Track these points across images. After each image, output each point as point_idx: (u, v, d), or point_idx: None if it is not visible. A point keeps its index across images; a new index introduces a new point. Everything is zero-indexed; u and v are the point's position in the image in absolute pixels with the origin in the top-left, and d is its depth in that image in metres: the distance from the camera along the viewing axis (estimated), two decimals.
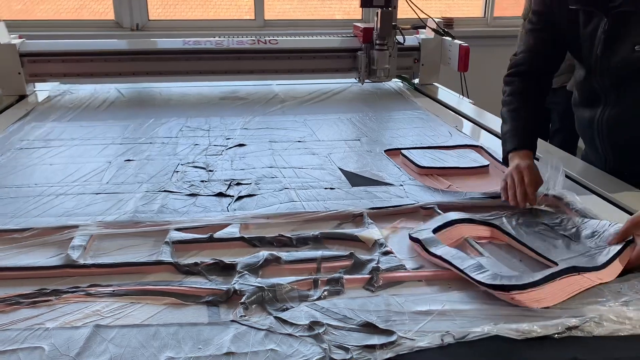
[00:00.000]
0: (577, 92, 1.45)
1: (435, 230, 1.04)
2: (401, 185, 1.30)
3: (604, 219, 1.08)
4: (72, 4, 3.63)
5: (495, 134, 1.71)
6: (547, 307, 0.83)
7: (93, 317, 0.82)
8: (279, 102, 2.08)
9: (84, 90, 2.19)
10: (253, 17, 3.65)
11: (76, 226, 1.07)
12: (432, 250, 0.98)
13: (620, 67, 1.25)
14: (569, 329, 0.78)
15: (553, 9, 1.33)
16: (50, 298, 0.86)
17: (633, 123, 1.31)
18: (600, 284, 0.89)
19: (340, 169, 1.41)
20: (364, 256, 0.98)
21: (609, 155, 1.40)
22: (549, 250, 0.99)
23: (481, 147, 1.56)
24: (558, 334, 0.77)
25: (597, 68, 1.30)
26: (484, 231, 1.08)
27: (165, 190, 1.27)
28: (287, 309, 0.84)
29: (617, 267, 0.93)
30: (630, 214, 1.15)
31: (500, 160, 1.38)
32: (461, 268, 0.91)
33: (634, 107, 1.29)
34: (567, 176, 1.31)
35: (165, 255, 0.98)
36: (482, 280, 0.87)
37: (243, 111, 1.95)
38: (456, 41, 2.20)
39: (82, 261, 0.96)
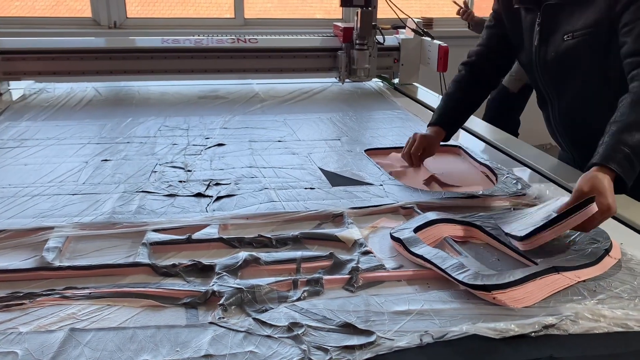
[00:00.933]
0: (536, 95, 1.52)
1: (415, 230, 1.05)
2: (381, 185, 1.31)
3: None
4: (49, 1, 3.57)
5: (474, 134, 1.72)
6: (526, 306, 0.84)
7: (68, 321, 0.80)
8: (259, 102, 2.07)
9: (60, 88, 2.15)
10: (233, 16, 3.62)
11: (51, 228, 1.06)
12: (413, 249, 0.98)
13: (554, 59, 1.33)
14: (546, 327, 0.79)
15: (501, 8, 1.43)
16: (24, 301, 0.84)
17: (580, 118, 1.38)
18: (578, 282, 0.91)
19: (321, 169, 1.41)
20: (343, 256, 0.98)
21: (573, 152, 1.47)
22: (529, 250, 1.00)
23: (460, 147, 1.57)
24: (535, 332, 0.78)
25: (537, 63, 1.38)
26: (463, 231, 1.09)
27: (143, 191, 1.25)
28: (266, 310, 0.83)
29: (596, 266, 0.95)
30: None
31: (478, 160, 1.43)
32: (442, 268, 0.92)
33: (575, 102, 1.36)
34: (537, 172, 1.39)
35: (143, 257, 0.97)
36: (464, 280, 0.88)
37: (223, 110, 1.94)
38: (435, 41, 2.22)
39: (57, 263, 0.94)
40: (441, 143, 1.47)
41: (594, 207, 0.95)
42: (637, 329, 0.80)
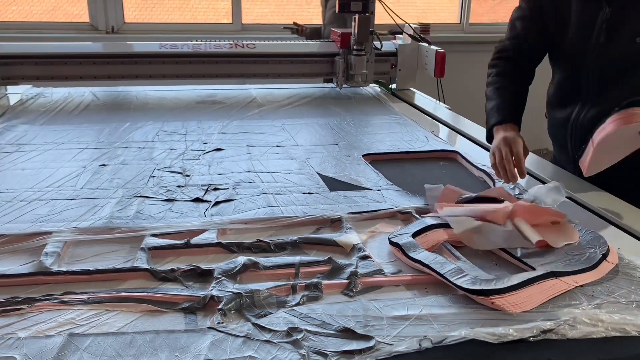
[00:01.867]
0: (554, 93, 1.46)
1: (414, 235, 1.05)
2: (379, 190, 1.31)
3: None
4: (46, 6, 3.57)
5: (471, 139, 1.73)
6: (524, 311, 0.84)
7: (67, 326, 0.80)
8: (256, 107, 2.07)
9: (58, 93, 2.15)
10: (231, 21, 3.63)
11: (50, 232, 1.06)
12: (412, 254, 0.98)
13: (618, 60, 1.23)
14: (544, 332, 0.79)
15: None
16: (22, 306, 0.84)
17: None
18: (576, 287, 0.91)
19: (319, 174, 1.41)
20: (342, 261, 0.99)
21: (578, 153, 1.37)
22: (527, 255, 1.00)
23: (457, 153, 1.57)
24: (533, 337, 0.78)
25: (593, 61, 1.28)
26: None
27: (141, 196, 1.25)
28: (265, 315, 0.83)
29: (593, 271, 0.95)
30: (595, 213, 1.22)
31: (476, 165, 1.42)
32: (441, 272, 0.92)
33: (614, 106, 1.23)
34: (536, 177, 1.38)
35: (141, 262, 0.97)
36: (462, 285, 0.88)
37: (220, 115, 1.94)
38: (433, 47, 2.23)
39: (55, 268, 0.94)
40: (438, 148, 1.46)
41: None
42: (634, 334, 0.80)
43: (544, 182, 1.38)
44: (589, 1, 1.26)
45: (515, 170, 1.21)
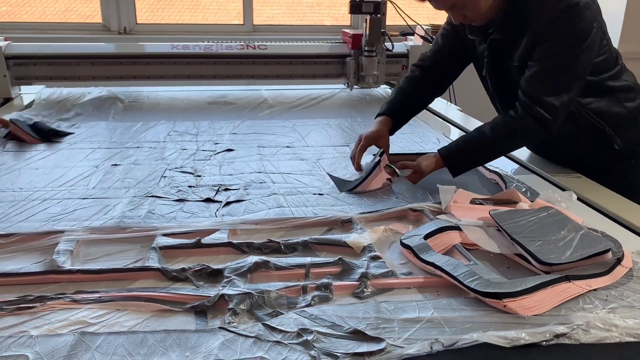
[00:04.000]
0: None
1: (426, 237, 1.04)
2: (389, 188, 1.30)
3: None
4: (59, 7, 3.59)
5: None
6: (537, 315, 0.84)
7: (79, 325, 0.81)
8: (267, 107, 2.08)
9: (70, 93, 2.17)
10: (242, 22, 3.64)
11: (62, 231, 1.06)
12: (424, 257, 0.98)
13: (500, 85, 1.43)
14: (557, 336, 0.78)
15: (462, 33, 1.46)
16: (34, 305, 0.85)
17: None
18: (589, 291, 0.90)
19: (329, 175, 1.41)
20: (353, 262, 0.98)
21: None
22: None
23: None
24: (546, 341, 0.77)
25: (488, 85, 1.47)
26: None
27: (152, 196, 1.25)
28: (276, 315, 0.83)
29: (607, 276, 0.94)
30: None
31: (488, 167, 1.43)
32: (454, 275, 0.91)
33: None
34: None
35: (152, 261, 0.97)
36: (475, 288, 0.87)
37: (231, 116, 1.94)
38: None
39: (67, 267, 0.95)
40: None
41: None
42: None
43: (550, 182, 1.38)
44: (480, 42, 1.42)
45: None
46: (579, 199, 1.26)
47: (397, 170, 1.37)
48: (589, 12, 1.23)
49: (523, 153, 1.60)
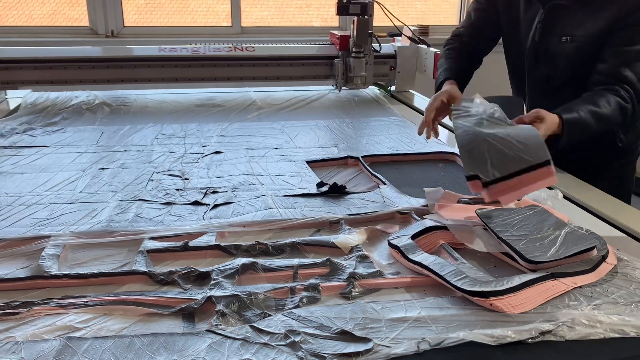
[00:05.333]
0: (511, 84, 1.63)
1: (413, 237, 1.05)
2: (377, 191, 1.31)
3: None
4: (46, 10, 3.57)
5: None
6: (523, 312, 0.84)
7: (65, 330, 0.80)
8: (256, 109, 2.08)
9: (57, 97, 2.16)
10: (230, 24, 3.63)
11: (48, 236, 1.06)
12: (411, 257, 0.98)
13: (546, 57, 1.40)
14: (542, 333, 0.79)
15: None
16: (20, 310, 0.84)
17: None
18: (574, 288, 0.91)
19: (318, 176, 1.41)
20: (341, 263, 0.98)
21: None
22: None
23: (456, 154, 1.57)
24: (532, 338, 0.78)
25: (528, 56, 1.46)
26: None
27: (140, 199, 1.25)
28: (263, 317, 0.83)
29: (592, 273, 0.95)
30: (593, 213, 1.25)
31: None
32: (440, 274, 0.92)
33: (547, 100, 1.40)
34: None
35: (140, 265, 0.97)
36: (462, 287, 0.88)
37: (220, 118, 1.94)
38: (431, 49, 2.23)
39: (54, 272, 0.94)
40: (438, 150, 1.48)
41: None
42: (633, 335, 0.80)
43: None
44: (531, 3, 1.43)
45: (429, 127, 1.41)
46: (565, 197, 1.27)
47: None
48: None
49: None
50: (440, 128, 1.87)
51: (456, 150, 1.59)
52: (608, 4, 1.28)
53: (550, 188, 1.33)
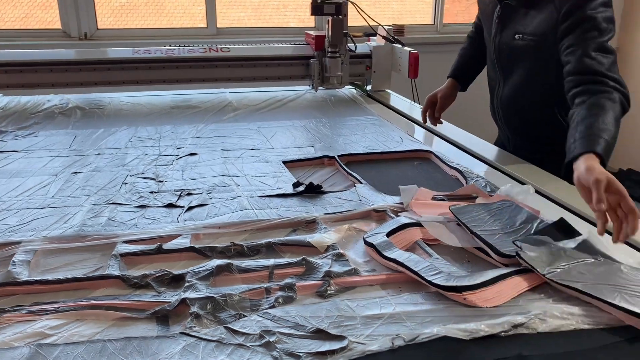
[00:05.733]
0: (488, 77, 1.74)
1: (388, 234, 1.06)
2: (353, 190, 1.31)
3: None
4: (18, 13, 3.51)
5: (446, 139, 1.74)
6: (496, 306, 0.85)
7: (36, 336, 0.79)
8: (232, 110, 2.07)
9: (29, 101, 2.12)
10: (206, 25, 3.61)
11: (19, 242, 1.04)
12: (386, 254, 0.99)
13: (505, 51, 1.54)
14: (515, 326, 0.80)
15: None
16: None
17: (518, 105, 1.60)
18: (547, 281, 0.92)
19: (294, 176, 1.41)
20: (316, 262, 0.98)
21: (508, 132, 1.69)
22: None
23: (431, 152, 1.59)
24: (504, 332, 0.79)
25: (492, 49, 1.60)
26: None
27: (113, 203, 1.23)
28: (238, 318, 0.83)
29: None
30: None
31: (449, 164, 1.48)
32: (415, 270, 0.93)
33: (517, 91, 1.56)
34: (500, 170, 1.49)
35: (113, 269, 0.96)
36: (436, 282, 0.89)
37: (195, 120, 1.93)
38: (406, 48, 2.24)
39: (25, 278, 0.93)
40: (413, 148, 1.50)
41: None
42: (603, 326, 0.81)
43: (510, 176, 1.41)
44: (493, 2, 1.57)
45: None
46: (536, 191, 1.29)
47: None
48: None
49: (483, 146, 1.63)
50: (416, 127, 1.90)
51: (431, 148, 1.61)
52: (547, 5, 1.39)
53: (522, 183, 1.35)
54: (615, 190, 1.00)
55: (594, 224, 1.15)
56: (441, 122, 1.76)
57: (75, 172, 1.42)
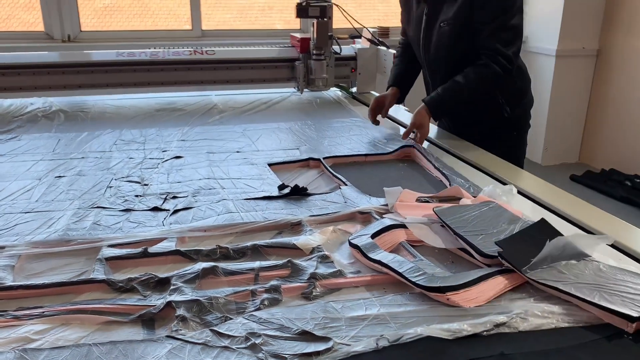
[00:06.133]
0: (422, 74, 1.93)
1: (373, 236, 1.06)
2: (338, 192, 1.32)
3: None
4: (0, 14, 3.47)
5: (430, 141, 1.76)
6: (479, 306, 0.87)
7: (20, 342, 0.79)
8: (217, 113, 2.07)
9: (11, 104, 2.10)
10: (191, 27, 3.60)
11: (2, 247, 1.03)
12: (371, 255, 1.00)
13: (434, 42, 1.71)
14: (497, 325, 0.81)
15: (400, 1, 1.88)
16: None
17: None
18: (528, 280, 0.94)
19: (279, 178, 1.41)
20: (301, 264, 0.99)
21: (445, 120, 1.93)
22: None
23: (413, 147, 1.61)
24: (486, 331, 0.80)
25: (423, 45, 1.76)
26: None
27: (98, 207, 1.23)
28: (224, 321, 0.83)
29: None
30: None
31: (433, 162, 1.51)
32: (399, 271, 0.94)
33: (446, 78, 1.70)
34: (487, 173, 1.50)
35: (98, 273, 0.95)
36: (420, 283, 0.90)
37: (180, 123, 1.93)
38: (391, 50, 2.26)
39: (8, 283, 0.92)
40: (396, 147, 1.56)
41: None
42: (582, 324, 0.83)
43: (493, 177, 1.44)
44: (419, 3, 1.75)
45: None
46: (519, 192, 1.31)
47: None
48: None
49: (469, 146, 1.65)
50: (401, 128, 1.92)
51: (416, 146, 1.62)
52: None
53: (504, 184, 1.37)
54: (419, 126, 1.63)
55: (576, 225, 1.18)
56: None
57: (59, 176, 1.42)
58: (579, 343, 0.79)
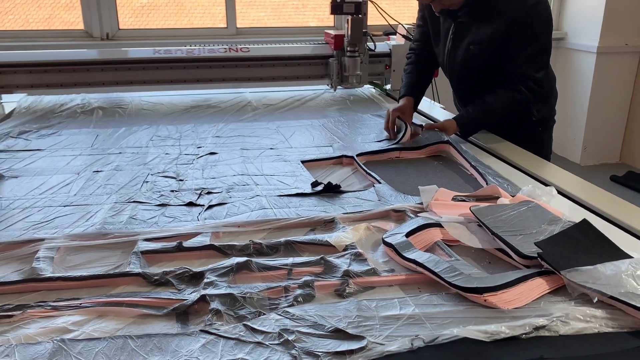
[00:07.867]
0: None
1: (407, 234, 1.05)
2: (372, 190, 1.31)
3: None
4: (42, 14, 3.57)
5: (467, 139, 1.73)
6: (517, 308, 0.84)
7: (58, 332, 0.80)
8: (251, 110, 2.08)
9: (52, 101, 2.16)
10: (226, 25, 3.63)
11: (42, 239, 1.05)
12: (405, 254, 0.98)
13: (460, 62, 1.69)
14: (536, 328, 0.79)
15: (425, 11, 1.80)
16: (14, 313, 0.84)
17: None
18: (569, 283, 0.90)
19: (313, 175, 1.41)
20: (335, 261, 0.98)
21: None
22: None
23: (449, 143, 1.58)
24: (525, 334, 0.78)
25: (447, 63, 1.74)
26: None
27: (134, 201, 1.25)
28: (257, 316, 0.83)
29: None
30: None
31: (467, 159, 1.49)
32: (435, 271, 0.92)
33: (471, 94, 1.72)
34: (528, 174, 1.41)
35: (134, 266, 0.97)
36: (456, 283, 0.88)
37: (215, 119, 1.94)
38: None
39: (48, 275, 0.94)
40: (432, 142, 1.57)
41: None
42: (627, 330, 0.80)
43: (532, 177, 1.40)
44: (446, 20, 1.71)
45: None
46: (559, 192, 1.27)
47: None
48: (548, 3, 1.59)
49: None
50: None
51: (452, 143, 1.59)
52: (498, 17, 1.56)
53: (545, 184, 1.33)
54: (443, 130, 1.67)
55: (618, 226, 1.14)
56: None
57: (97, 171, 1.44)
58: (623, 349, 0.76)
